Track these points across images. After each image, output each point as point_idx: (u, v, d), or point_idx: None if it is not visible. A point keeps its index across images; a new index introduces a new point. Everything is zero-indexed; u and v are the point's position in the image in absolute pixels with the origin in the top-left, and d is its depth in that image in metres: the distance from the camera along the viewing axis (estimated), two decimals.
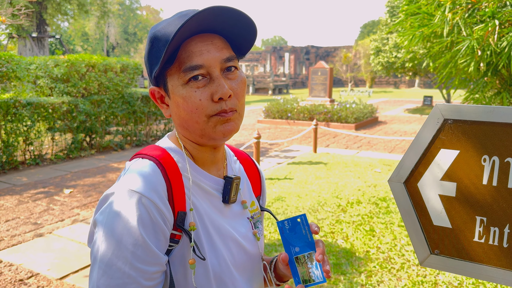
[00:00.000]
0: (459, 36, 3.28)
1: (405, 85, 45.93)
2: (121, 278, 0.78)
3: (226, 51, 0.89)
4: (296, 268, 0.91)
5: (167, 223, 0.85)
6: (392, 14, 19.94)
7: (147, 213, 0.81)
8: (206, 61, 0.86)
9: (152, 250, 0.81)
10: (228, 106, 0.88)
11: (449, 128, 0.87)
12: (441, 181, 0.89)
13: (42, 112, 7.65)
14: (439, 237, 0.90)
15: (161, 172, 0.87)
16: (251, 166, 1.15)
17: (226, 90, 0.86)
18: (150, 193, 0.82)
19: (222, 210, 0.97)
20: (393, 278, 3.42)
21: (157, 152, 0.93)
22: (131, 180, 0.84)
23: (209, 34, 0.88)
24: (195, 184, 0.93)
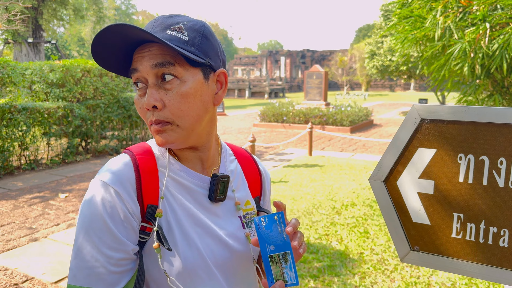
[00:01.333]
0: (451, 39, 3.32)
1: (401, 88, 46.13)
2: (90, 261, 0.84)
3: (160, 56, 0.86)
4: (270, 267, 0.89)
5: (133, 214, 0.87)
6: (386, 18, 20.08)
7: (112, 202, 0.85)
8: (139, 66, 0.88)
9: (117, 237, 0.85)
10: (154, 117, 0.89)
11: (426, 127, 0.90)
12: (419, 179, 0.91)
13: (38, 117, 7.66)
14: (419, 233, 0.93)
15: (133, 165, 0.91)
16: (251, 165, 1.14)
17: (147, 100, 0.87)
18: (116, 184, 0.87)
19: (208, 207, 0.98)
20: (386, 280, 3.44)
21: (139, 148, 0.96)
22: (104, 172, 0.90)
23: (149, 43, 0.87)
24: (174, 180, 0.94)
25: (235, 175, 1.07)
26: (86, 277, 0.84)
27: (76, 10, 24.32)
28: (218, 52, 0.95)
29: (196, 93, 0.89)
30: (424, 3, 3.63)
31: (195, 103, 0.89)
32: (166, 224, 0.91)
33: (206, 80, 0.91)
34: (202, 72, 0.90)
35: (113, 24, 0.81)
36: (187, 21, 0.90)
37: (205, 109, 0.92)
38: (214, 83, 0.95)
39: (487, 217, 0.86)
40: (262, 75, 45.18)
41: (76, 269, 0.84)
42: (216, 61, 0.94)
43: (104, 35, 0.83)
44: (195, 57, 0.87)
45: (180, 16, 0.92)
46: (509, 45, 2.98)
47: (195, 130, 0.92)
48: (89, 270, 0.84)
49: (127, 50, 0.90)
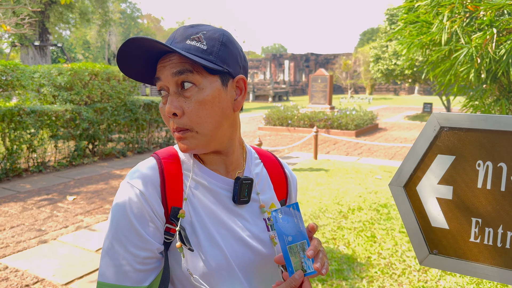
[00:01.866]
0: (458, 44, 3.35)
1: (405, 92, 46.06)
2: (117, 259, 0.89)
3: (179, 65, 0.90)
4: (290, 258, 0.90)
5: (158, 214, 0.92)
6: (391, 22, 20.11)
7: (138, 203, 0.90)
8: (162, 75, 0.92)
9: (143, 236, 0.89)
10: (175, 125, 0.93)
11: (445, 135, 0.93)
12: (438, 185, 0.94)
13: (46, 120, 7.73)
14: (437, 237, 0.96)
15: (158, 169, 0.96)
16: (277, 168, 1.16)
17: (167, 108, 0.91)
18: (141, 186, 0.92)
19: (233, 209, 1.00)
20: (394, 284, 3.46)
21: (166, 152, 1.01)
22: (131, 174, 0.95)
23: (170, 54, 0.92)
24: (198, 183, 0.99)
25: (260, 178, 1.10)
26: (114, 274, 0.88)
27: (82, 14, 24.51)
28: (238, 59, 0.97)
29: (214, 99, 0.92)
30: (430, 8, 3.66)
31: (213, 109, 0.92)
32: (189, 226, 0.94)
33: (225, 86, 0.94)
34: (220, 79, 0.93)
35: (133, 38, 0.86)
36: (206, 30, 0.94)
37: (224, 115, 0.95)
38: (233, 89, 0.97)
39: (505, 222, 0.89)
40: (266, 78, 45.27)
41: (105, 266, 0.89)
42: (235, 68, 0.96)
43: (128, 49, 0.89)
44: (212, 65, 0.90)
45: (200, 26, 0.95)
46: None
47: (215, 136, 0.95)
48: (116, 268, 0.88)
49: (152, 59, 0.95)
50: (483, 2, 3.22)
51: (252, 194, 1.05)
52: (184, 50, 0.90)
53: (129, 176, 0.95)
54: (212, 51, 0.92)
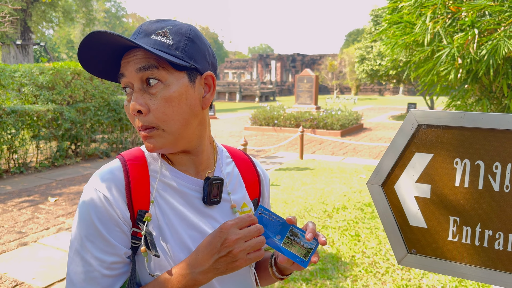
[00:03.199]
0: (440, 44, 3.37)
1: (390, 92, 46.55)
2: (84, 266, 0.86)
3: (145, 60, 0.87)
4: (291, 252, 0.91)
5: (122, 219, 0.89)
6: (376, 23, 20.28)
7: (102, 207, 0.87)
8: (125, 71, 0.89)
9: (109, 241, 0.87)
10: (140, 123, 0.89)
11: (423, 132, 0.92)
12: (417, 183, 0.93)
13: (27, 120, 7.58)
14: (415, 237, 0.95)
15: (123, 171, 0.93)
16: (249, 167, 1.14)
17: (131, 105, 0.88)
18: (105, 189, 0.89)
19: (203, 211, 0.98)
20: (378, 282, 3.47)
21: (130, 153, 0.98)
22: (95, 177, 0.92)
23: (134, 49, 0.88)
24: (166, 184, 0.95)
25: (232, 177, 1.07)
26: (82, 281, 0.86)
27: (66, 13, 24.16)
28: (206, 55, 0.94)
29: (181, 96, 0.88)
30: (413, 9, 3.68)
31: (180, 107, 0.89)
32: (157, 229, 0.91)
33: (192, 83, 0.91)
34: (187, 76, 0.90)
35: (94, 32, 0.81)
36: (173, 25, 0.91)
37: (192, 113, 0.92)
38: (201, 86, 0.94)
39: (482, 221, 0.88)
40: (252, 78, 45.25)
41: (73, 274, 0.87)
42: (203, 64, 0.93)
43: (88, 43, 0.84)
44: (178, 61, 0.87)
45: (167, 21, 0.92)
46: (497, 51, 3.04)
47: (182, 134, 0.91)
48: (84, 274, 0.86)
49: (116, 56, 0.91)
50: (464, 3, 3.25)
51: (223, 194, 1.02)
52: (148, 45, 0.86)
53: (92, 180, 0.92)
54: (178, 47, 0.89)
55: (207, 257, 0.85)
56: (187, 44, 0.90)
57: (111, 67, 0.93)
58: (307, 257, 0.92)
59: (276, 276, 1.07)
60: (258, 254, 0.86)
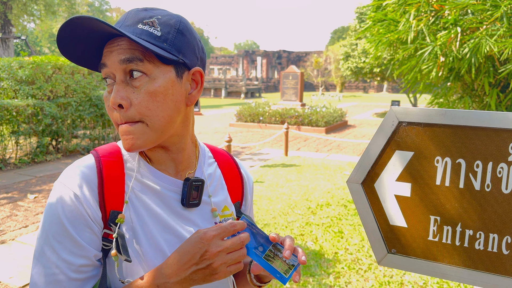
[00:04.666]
0: (423, 42, 3.38)
1: (374, 90, 46.97)
2: (50, 267, 0.80)
3: (127, 51, 0.81)
4: (272, 266, 0.87)
5: (94, 219, 0.83)
6: (361, 20, 20.39)
7: (72, 206, 0.81)
8: (108, 61, 0.83)
9: (78, 242, 0.81)
10: (120, 117, 0.83)
11: (404, 130, 0.89)
12: (397, 181, 0.91)
13: (6, 115, 7.39)
14: (396, 236, 0.93)
15: (96, 168, 0.86)
16: (232, 169, 1.08)
17: (112, 98, 0.82)
18: (75, 187, 0.83)
19: (180, 213, 0.92)
20: (360, 279, 3.47)
21: (105, 149, 0.91)
22: (65, 174, 0.86)
23: (119, 38, 0.82)
24: (142, 184, 0.89)
25: (213, 179, 1.01)
26: (47, 284, 0.80)
27: (47, 6, 23.68)
28: (196, 50, 0.89)
29: (166, 91, 0.83)
30: (397, 6, 3.69)
31: (165, 102, 0.83)
32: (131, 231, 0.86)
33: (179, 78, 0.86)
34: (174, 70, 0.84)
35: (76, 17, 0.75)
36: (161, 15, 0.85)
37: (176, 110, 0.86)
38: (188, 82, 0.89)
39: (463, 220, 0.87)
40: (238, 74, 45.12)
41: (37, 275, 0.81)
42: (191, 59, 0.87)
43: (68, 29, 0.77)
44: (165, 54, 0.81)
45: (155, 10, 0.86)
46: (479, 49, 3.06)
47: (165, 132, 0.86)
48: (49, 277, 0.80)
49: (97, 44, 0.84)
50: (448, 1, 3.26)
51: (204, 196, 0.97)
52: (134, 34, 0.80)
53: (63, 176, 0.86)
54: (167, 38, 0.83)
55: (184, 268, 0.79)
56: (176, 37, 0.84)
57: (93, 55, 0.86)
58: (287, 273, 0.88)
59: (254, 283, 1.01)
60: (238, 267, 0.82)
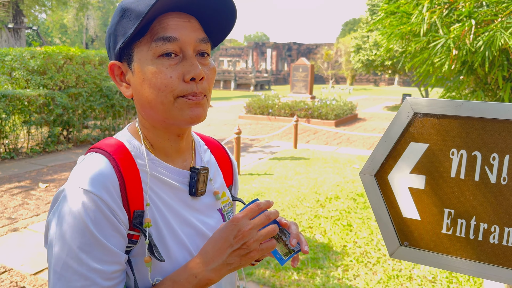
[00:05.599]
0: (436, 34, 3.34)
1: (385, 83, 46.58)
2: (79, 280, 0.75)
3: (202, 32, 0.86)
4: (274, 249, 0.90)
5: (121, 222, 0.81)
6: (372, 13, 20.16)
7: (99, 211, 0.77)
8: (181, 36, 0.82)
9: (109, 249, 0.77)
10: (199, 89, 0.84)
11: (419, 121, 0.88)
12: (411, 174, 0.90)
13: (18, 105, 7.47)
14: (408, 229, 0.92)
15: (114, 168, 0.82)
16: (223, 155, 1.10)
17: (199, 70, 0.82)
18: (100, 191, 0.78)
19: (190, 204, 0.93)
20: (369, 272, 3.47)
21: (112, 145, 0.87)
22: (81, 177, 0.80)
23: (186, 14, 0.84)
24: (155, 178, 0.88)
25: (211, 166, 1.03)
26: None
27: None
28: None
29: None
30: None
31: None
32: (155, 231, 0.85)
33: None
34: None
35: None
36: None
37: None
38: None
39: (478, 214, 0.86)
40: (248, 67, 45.03)
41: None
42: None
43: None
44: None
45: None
46: (493, 42, 3.01)
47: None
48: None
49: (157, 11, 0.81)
50: None
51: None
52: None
53: (79, 180, 0.80)
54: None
55: (220, 252, 0.81)
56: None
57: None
58: (286, 256, 0.91)
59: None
60: (270, 244, 0.84)
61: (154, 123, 0.89)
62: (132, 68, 0.85)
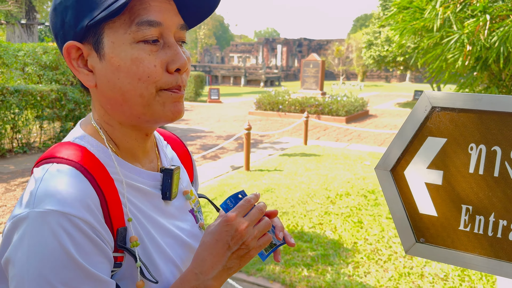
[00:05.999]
0: (450, 30, 3.29)
1: (396, 79, 46.20)
2: None
3: (181, 18, 0.76)
4: None
5: (108, 244, 0.68)
6: (384, 8, 19.97)
7: (83, 236, 0.63)
8: (165, 21, 0.71)
9: (99, 278, 0.64)
10: (183, 81, 0.75)
11: (437, 116, 0.86)
12: (428, 169, 0.88)
13: (30, 100, 7.55)
14: (425, 225, 0.90)
15: (90, 181, 0.68)
16: (183, 149, 1.00)
17: (185, 60, 0.72)
18: (81, 211, 0.64)
19: (164, 209, 0.82)
20: (380, 269, 3.45)
21: (76, 153, 0.71)
22: (51, 197, 0.63)
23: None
24: (129, 186, 0.76)
25: (175, 163, 0.93)
26: None
27: None
28: None
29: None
30: None
31: None
32: (141, 249, 0.74)
33: None
34: None
35: None
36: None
37: None
38: None
39: (497, 210, 0.83)
40: (258, 63, 44.97)
41: None
42: None
43: None
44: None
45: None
46: (508, 38, 2.95)
47: None
48: None
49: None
50: None
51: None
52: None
53: (48, 201, 0.63)
54: None
55: (219, 258, 0.74)
56: None
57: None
58: (267, 251, 0.86)
59: None
60: (267, 238, 0.79)
61: (122, 120, 0.76)
62: (100, 52, 0.70)
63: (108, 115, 0.76)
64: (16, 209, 0.65)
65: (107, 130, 0.77)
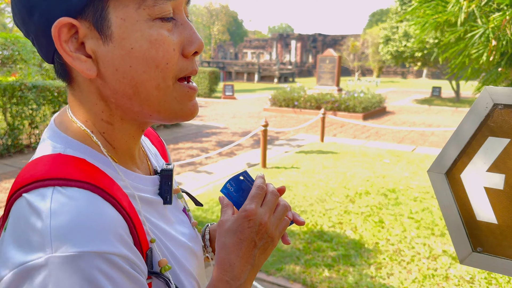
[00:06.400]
0: (474, 24, 3.17)
1: (413, 75, 45.63)
2: None
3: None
4: None
5: (144, 276, 0.57)
6: (402, 2, 19.65)
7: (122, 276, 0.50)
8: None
9: None
10: (195, 67, 0.63)
11: (499, 114, 0.78)
12: (488, 172, 0.80)
13: (48, 96, 7.59)
14: (483, 233, 0.82)
15: (112, 204, 0.54)
16: (157, 139, 0.88)
17: (202, 41, 0.61)
18: (116, 245, 0.51)
19: (166, 216, 0.72)
20: (403, 271, 3.35)
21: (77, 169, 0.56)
22: (73, 233, 0.48)
23: None
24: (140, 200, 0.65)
25: (158, 159, 0.82)
26: None
27: None
28: None
29: None
30: None
31: None
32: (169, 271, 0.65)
33: None
34: None
35: None
36: None
37: None
38: None
39: None
40: (272, 59, 44.83)
41: None
42: None
43: None
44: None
45: None
46: None
47: None
48: None
49: None
50: None
51: None
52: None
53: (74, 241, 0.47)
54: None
55: (247, 258, 0.67)
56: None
57: None
58: None
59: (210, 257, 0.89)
60: (286, 222, 0.74)
61: (124, 115, 0.62)
62: (105, 32, 0.55)
63: (109, 110, 0.61)
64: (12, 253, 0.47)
65: (104, 132, 0.63)
